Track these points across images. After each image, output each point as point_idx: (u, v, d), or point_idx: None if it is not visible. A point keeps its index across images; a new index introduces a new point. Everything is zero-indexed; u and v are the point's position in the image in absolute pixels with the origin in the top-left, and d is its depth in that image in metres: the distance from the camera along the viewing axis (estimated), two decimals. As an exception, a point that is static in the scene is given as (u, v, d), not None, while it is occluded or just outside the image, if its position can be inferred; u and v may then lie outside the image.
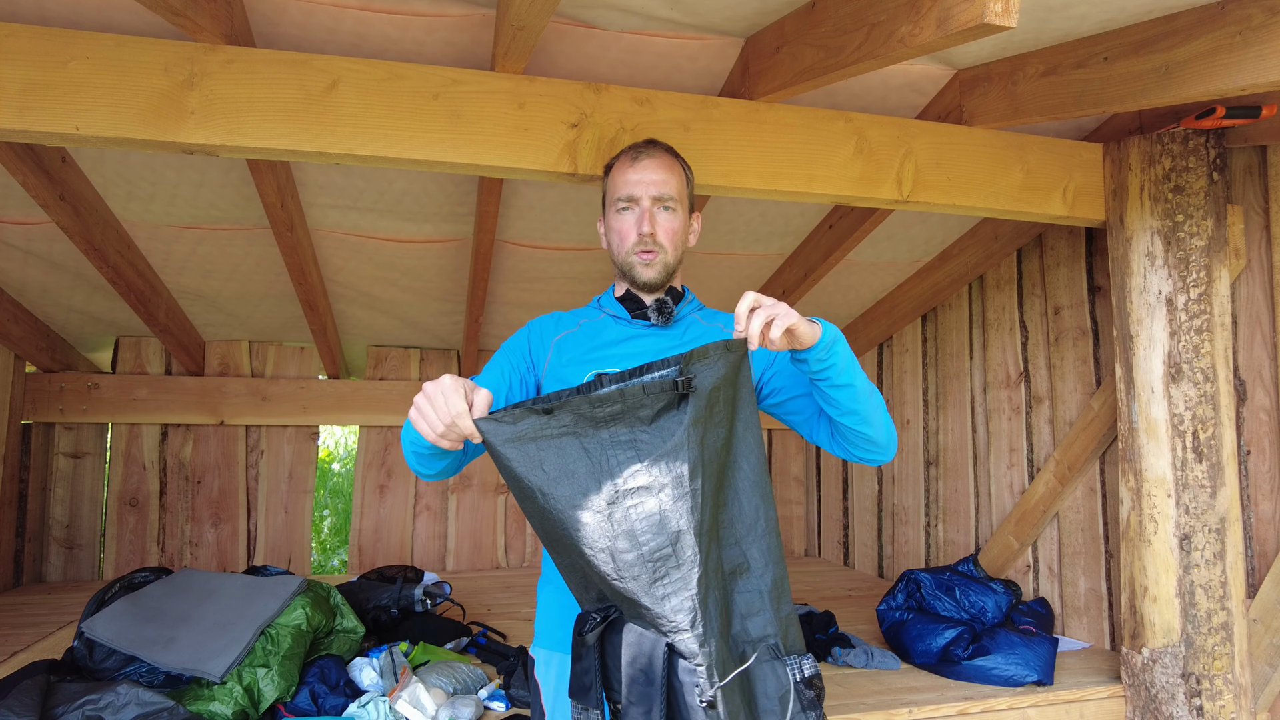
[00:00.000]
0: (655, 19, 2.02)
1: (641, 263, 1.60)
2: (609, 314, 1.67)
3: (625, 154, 1.65)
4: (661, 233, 1.60)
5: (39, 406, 3.73)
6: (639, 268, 1.60)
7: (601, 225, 1.69)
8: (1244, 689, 2.27)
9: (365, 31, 2.01)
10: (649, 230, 1.58)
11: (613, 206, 1.63)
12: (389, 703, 2.08)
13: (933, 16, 1.57)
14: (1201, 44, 1.88)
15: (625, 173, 1.62)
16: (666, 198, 1.60)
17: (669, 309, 1.63)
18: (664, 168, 1.61)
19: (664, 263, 1.61)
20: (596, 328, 1.66)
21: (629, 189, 1.60)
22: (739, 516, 1.25)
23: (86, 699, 1.86)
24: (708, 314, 1.71)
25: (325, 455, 8.12)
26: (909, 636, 2.66)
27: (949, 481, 3.63)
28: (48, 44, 1.76)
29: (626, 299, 1.66)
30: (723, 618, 1.18)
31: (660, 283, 1.62)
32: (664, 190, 1.60)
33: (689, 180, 1.68)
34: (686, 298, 1.70)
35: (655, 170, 1.60)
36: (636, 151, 1.63)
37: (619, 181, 1.62)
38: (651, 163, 1.61)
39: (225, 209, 2.78)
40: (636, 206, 1.60)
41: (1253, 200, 2.52)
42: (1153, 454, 2.33)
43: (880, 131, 2.25)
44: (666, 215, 1.60)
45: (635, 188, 1.60)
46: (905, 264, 3.55)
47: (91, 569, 3.89)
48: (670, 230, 1.61)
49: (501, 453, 1.17)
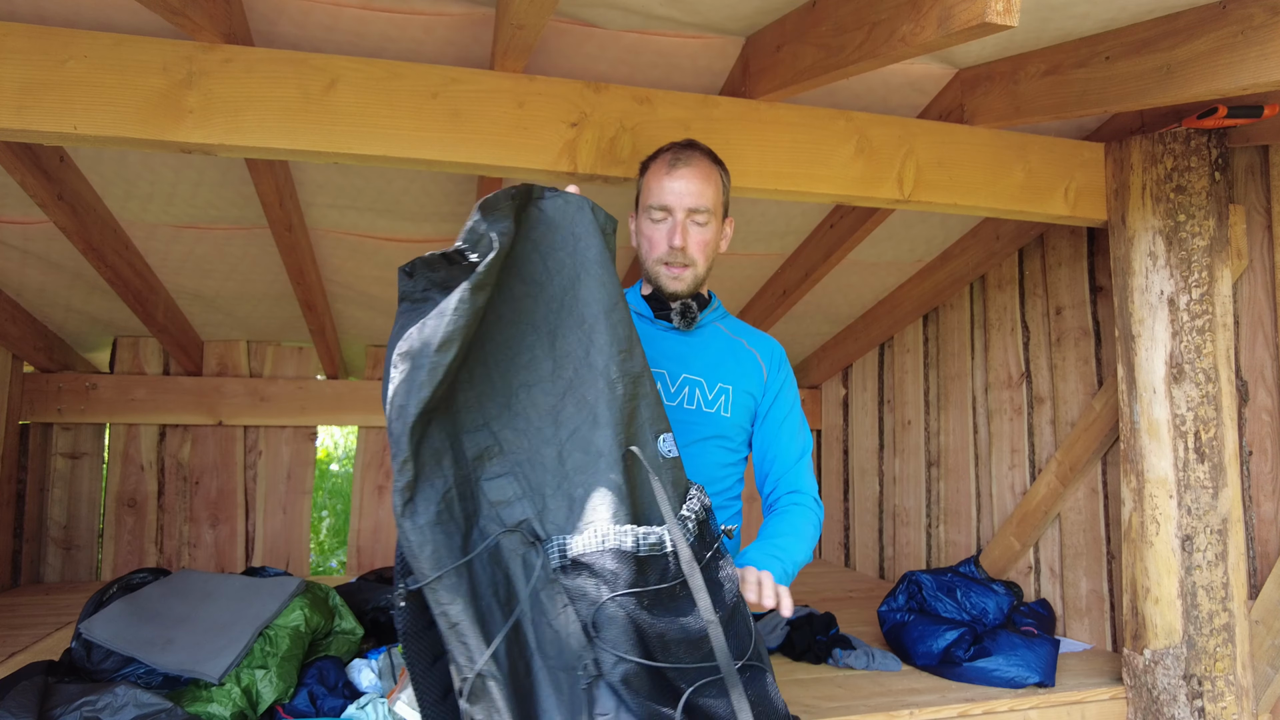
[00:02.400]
0: (655, 18, 2.02)
1: (669, 275, 1.58)
2: (633, 311, 1.65)
3: (663, 155, 1.60)
4: (693, 246, 1.57)
5: (37, 407, 3.72)
6: (665, 279, 1.59)
7: (633, 222, 1.66)
8: (1246, 690, 2.27)
9: (364, 30, 2.00)
10: (680, 244, 1.55)
11: (645, 213, 1.60)
12: (388, 704, 2.07)
13: (934, 15, 1.57)
14: (1203, 43, 1.88)
15: (661, 179, 1.57)
16: (701, 210, 1.56)
17: (692, 314, 1.61)
18: (701, 177, 1.57)
19: (694, 275, 1.59)
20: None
21: (663, 197, 1.56)
22: (488, 394, 1.23)
23: (84, 700, 1.85)
24: (732, 323, 1.70)
25: (324, 456, 8.11)
26: (910, 638, 2.65)
27: (950, 482, 3.62)
28: (45, 43, 1.75)
29: (653, 298, 1.65)
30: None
31: (687, 294, 1.61)
32: (699, 202, 1.56)
33: (726, 187, 1.64)
34: (712, 304, 1.69)
35: (692, 179, 1.56)
36: (675, 156, 1.59)
37: (654, 187, 1.58)
38: (689, 171, 1.57)
39: (223, 208, 2.77)
40: (670, 217, 1.56)
41: (1255, 200, 2.51)
42: (1154, 455, 2.33)
43: (881, 131, 2.25)
44: (699, 229, 1.57)
45: (669, 197, 1.56)
46: (906, 264, 3.54)
47: (89, 570, 3.88)
48: (702, 243, 1.58)
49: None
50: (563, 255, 1.27)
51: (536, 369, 1.25)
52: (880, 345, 4.13)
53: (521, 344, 1.25)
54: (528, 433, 1.23)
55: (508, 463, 1.22)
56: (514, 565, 1.19)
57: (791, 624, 2.83)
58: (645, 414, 1.27)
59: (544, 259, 1.27)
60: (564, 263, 1.27)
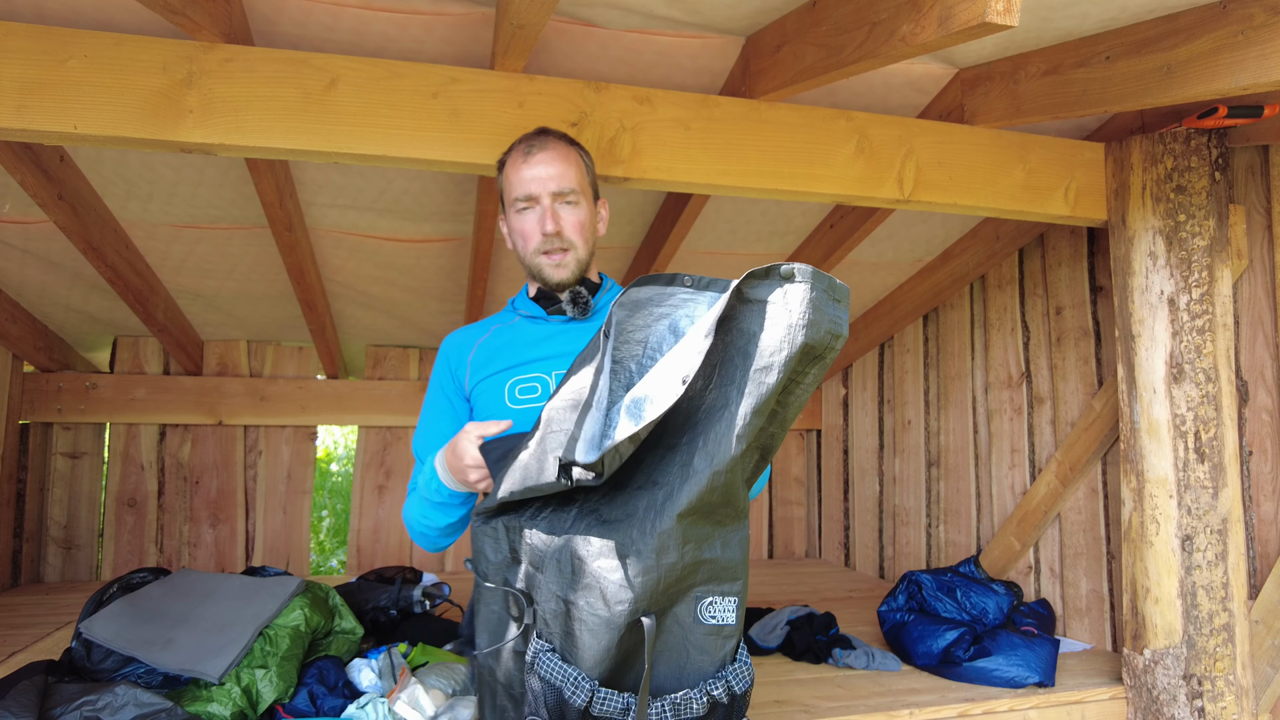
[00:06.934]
0: (656, 17, 2.02)
1: (551, 264, 1.52)
2: (523, 315, 1.61)
3: (517, 148, 1.56)
4: (569, 228, 1.51)
5: (37, 406, 3.72)
6: (548, 269, 1.53)
7: (503, 224, 1.61)
8: (1245, 690, 2.27)
9: (364, 30, 2.00)
10: (553, 228, 1.50)
11: (512, 207, 1.55)
12: (388, 704, 2.07)
13: (934, 15, 1.57)
14: (1203, 43, 1.88)
15: (519, 169, 1.53)
16: (567, 191, 1.51)
17: (584, 299, 1.55)
18: (559, 159, 1.52)
19: (576, 259, 1.53)
20: (511, 331, 1.59)
21: (525, 187, 1.52)
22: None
23: (85, 700, 1.85)
24: None
25: (324, 455, 8.11)
26: (910, 638, 2.65)
27: (950, 482, 3.62)
28: (45, 43, 1.75)
29: (541, 297, 1.59)
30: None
31: (574, 282, 1.54)
32: (562, 184, 1.51)
33: (589, 167, 1.60)
34: (605, 285, 1.62)
35: (550, 164, 1.51)
36: (529, 145, 1.54)
37: (514, 180, 1.54)
38: (545, 155, 1.52)
39: (223, 208, 2.77)
40: (537, 205, 1.51)
41: (1255, 200, 2.51)
42: (1154, 454, 2.33)
43: (881, 130, 2.25)
44: (570, 210, 1.52)
45: (531, 185, 1.51)
46: (906, 264, 3.54)
47: (89, 569, 3.88)
48: (577, 224, 1.52)
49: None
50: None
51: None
52: (880, 345, 4.13)
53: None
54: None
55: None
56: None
57: (791, 624, 2.83)
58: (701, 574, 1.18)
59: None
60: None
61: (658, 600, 1.12)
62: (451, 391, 1.60)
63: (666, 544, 1.11)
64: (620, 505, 1.16)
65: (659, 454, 1.17)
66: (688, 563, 1.13)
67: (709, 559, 1.15)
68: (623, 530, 1.13)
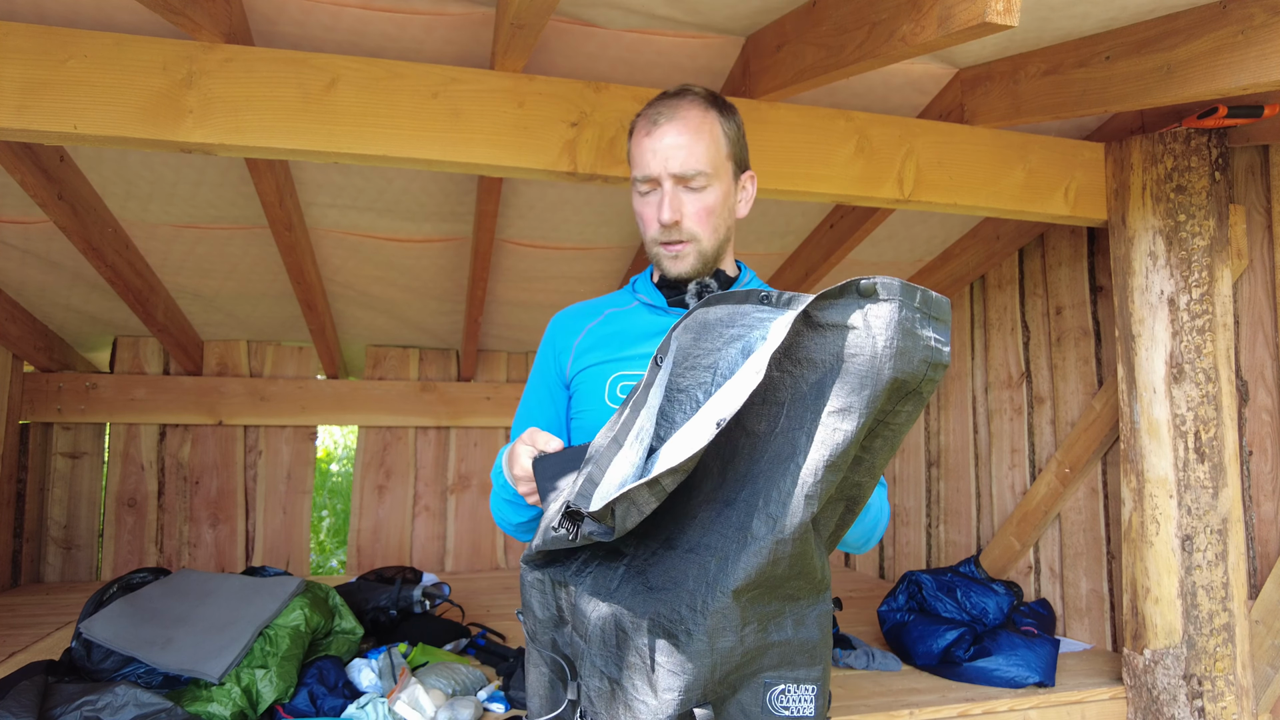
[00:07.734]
0: (656, 17, 2.02)
1: (668, 256, 1.32)
2: (642, 300, 1.41)
3: (645, 114, 1.34)
4: (690, 218, 1.29)
5: (37, 406, 3.72)
6: (665, 261, 1.33)
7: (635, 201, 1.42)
8: (1246, 690, 2.27)
9: (364, 30, 2.00)
10: (671, 218, 1.28)
11: (634, 188, 1.34)
12: (388, 704, 2.07)
13: (934, 15, 1.57)
14: (1203, 43, 1.88)
15: (641, 142, 1.31)
16: (691, 175, 1.28)
17: (711, 293, 1.34)
18: (689, 131, 1.28)
19: (699, 252, 1.32)
20: (626, 318, 1.40)
21: (645, 165, 1.30)
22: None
23: (85, 700, 1.85)
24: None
25: (324, 455, 8.11)
26: (910, 638, 2.65)
27: (950, 482, 3.62)
28: (46, 42, 1.75)
29: (664, 283, 1.39)
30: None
31: (696, 275, 1.34)
32: (688, 165, 1.27)
33: (730, 135, 1.33)
34: (743, 277, 1.40)
35: (679, 134, 1.27)
36: (657, 112, 1.31)
37: (635, 154, 1.33)
38: (673, 126, 1.28)
39: (223, 208, 2.77)
40: (658, 188, 1.30)
41: (1255, 200, 2.51)
42: (1154, 454, 2.33)
43: (881, 130, 2.25)
44: (694, 196, 1.29)
45: (651, 163, 1.29)
46: (906, 264, 3.54)
47: (89, 569, 3.88)
48: (703, 211, 1.30)
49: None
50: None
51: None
52: (880, 345, 4.12)
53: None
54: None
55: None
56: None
57: (791, 624, 2.83)
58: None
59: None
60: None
61: (714, 689, 0.94)
62: (553, 377, 1.42)
63: (721, 625, 0.92)
64: (666, 570, 0.98)
65: (714, 509, 0.97)
66: (749, 647, 0.94)
67: (778, 642, 0.96)
68: (668, 602, 0.95)
